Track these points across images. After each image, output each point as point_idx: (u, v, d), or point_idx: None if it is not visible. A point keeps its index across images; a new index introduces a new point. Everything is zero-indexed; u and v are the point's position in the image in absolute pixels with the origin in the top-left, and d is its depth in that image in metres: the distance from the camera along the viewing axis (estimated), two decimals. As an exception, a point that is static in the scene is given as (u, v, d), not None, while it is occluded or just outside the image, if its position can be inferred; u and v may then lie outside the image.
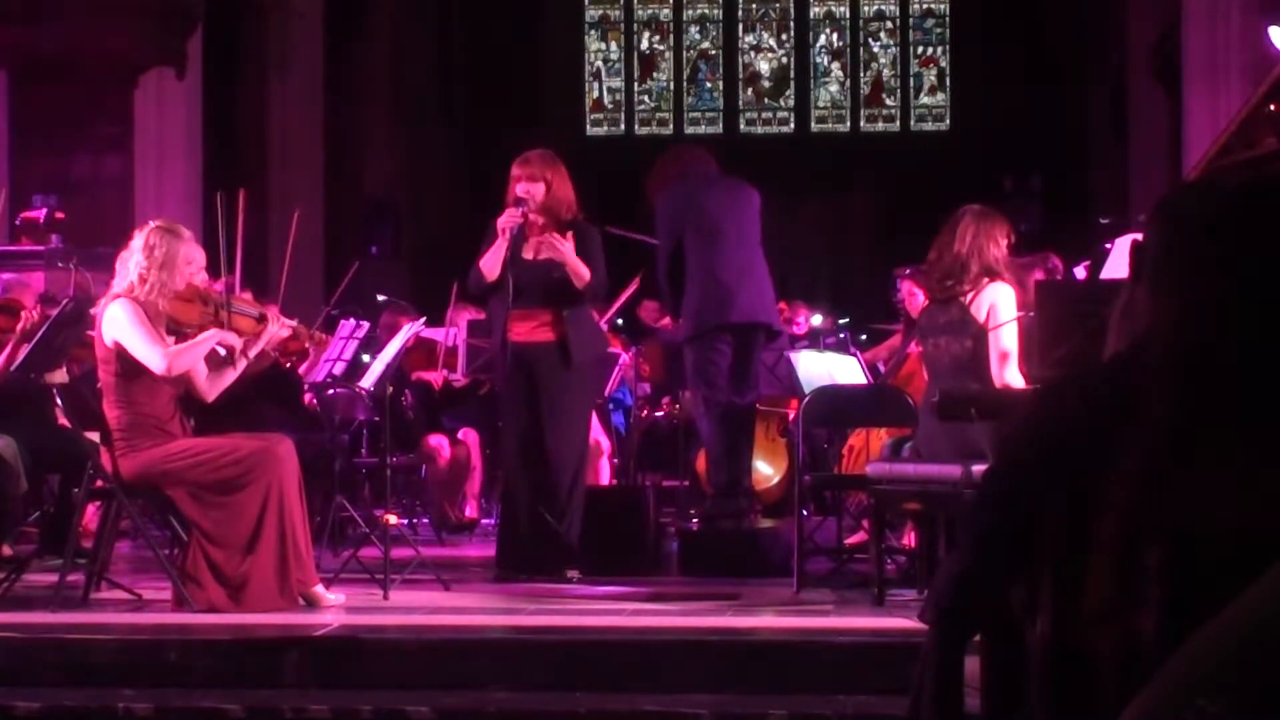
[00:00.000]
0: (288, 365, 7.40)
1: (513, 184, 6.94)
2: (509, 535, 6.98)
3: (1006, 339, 6.00)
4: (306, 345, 6.98)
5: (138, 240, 6.12)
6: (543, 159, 7.00)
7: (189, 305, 6.21)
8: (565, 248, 6.82)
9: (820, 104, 20.61)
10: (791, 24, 20.68)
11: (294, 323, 6.52)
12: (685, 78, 20.74)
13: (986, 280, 6.08)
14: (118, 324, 5.99)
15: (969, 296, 6.08)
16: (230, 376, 6.29)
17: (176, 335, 6.20)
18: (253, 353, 6.26)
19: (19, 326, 6.95)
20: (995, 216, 6.21)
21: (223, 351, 6.23)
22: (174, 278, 6.10)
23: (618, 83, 20.79)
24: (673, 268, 7.33)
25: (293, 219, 6.49)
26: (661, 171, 7.65)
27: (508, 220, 6.86)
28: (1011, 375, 5.95)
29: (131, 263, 6.08)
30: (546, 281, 6.86)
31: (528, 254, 6.91)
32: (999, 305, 6.04)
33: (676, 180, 7.45)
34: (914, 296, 8.04)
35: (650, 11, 20.90)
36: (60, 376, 6.99)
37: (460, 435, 9.40)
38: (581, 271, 6.83)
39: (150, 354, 5.96)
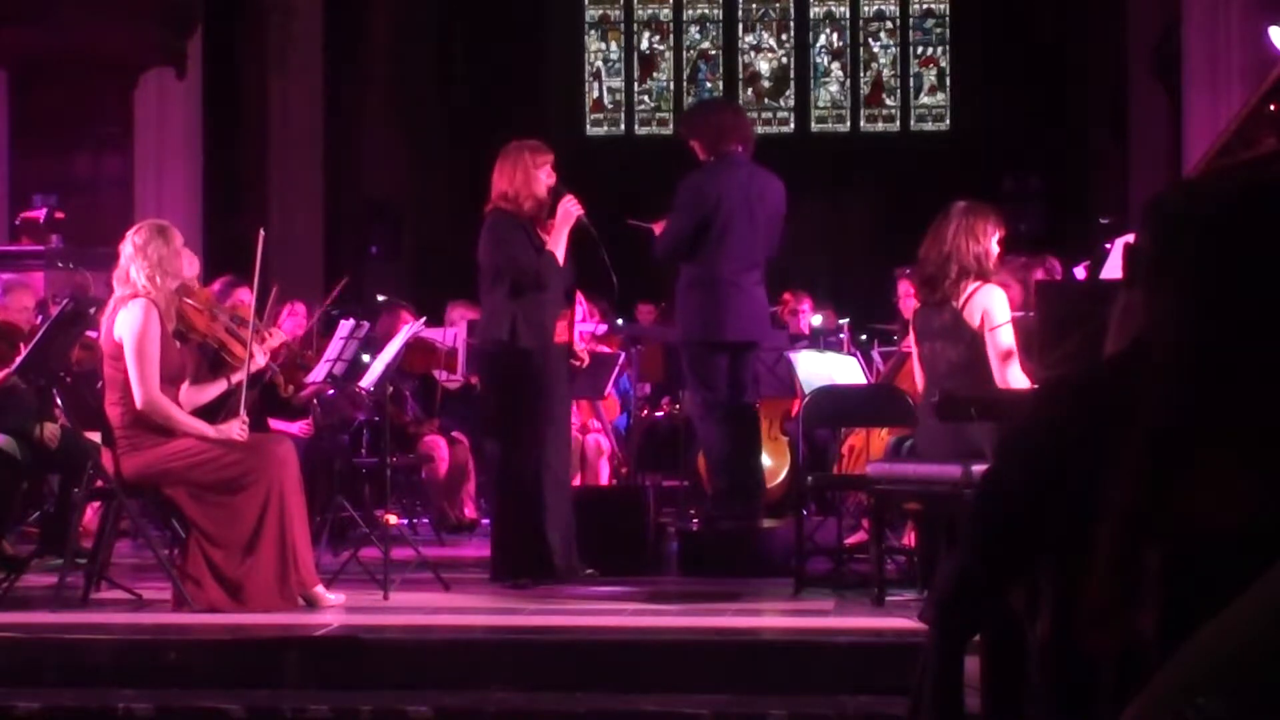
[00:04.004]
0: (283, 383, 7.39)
1: (546, 169, 6.81)
2: (526, 539, 6.78)
3: (1005, 340, 5.98)
4: (278, 381, 6.97)
5: (127, 248, 6.08)
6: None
7: (200, 313, 6.27)
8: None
9: (820, 104, 20.61)
10: (791, 24, 20.67)
11: (269, 362, 6.52)
12: (685, 78, 20.74)
13: (973, 283, 6.05)
14: (132, 325, 5.96)
15: (960, 300, 6.06)
16: (209, 395, 6.33)
17: (181, 339, 6.22)
18: (235, 378, 6.28)
19: (16, 359, 6.92)
20: (981, 212, 6.15)
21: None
22: (177, 266, 6.12)
23: (618, 83, 20.78)
24: (678, 248, 7.27)
25: (258, 238, 6.29)
26: (709, 125, 7.41)
27: (576, 206, 6.74)
28: (1015, 376, 5.92)
29: (133, 270, 6.05)
30: (569, 280, 6.87)
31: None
32: (992, 309, 6.02)
33: (711, 163, 7.29)
34: (908, 297, 8.04)
35: (650, 11, 20.89)
36: (52, 431, 6.95)
37: (455, 436, 9.41)
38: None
39: (142, 381, 5.94)
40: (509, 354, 6.70)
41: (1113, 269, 6.03)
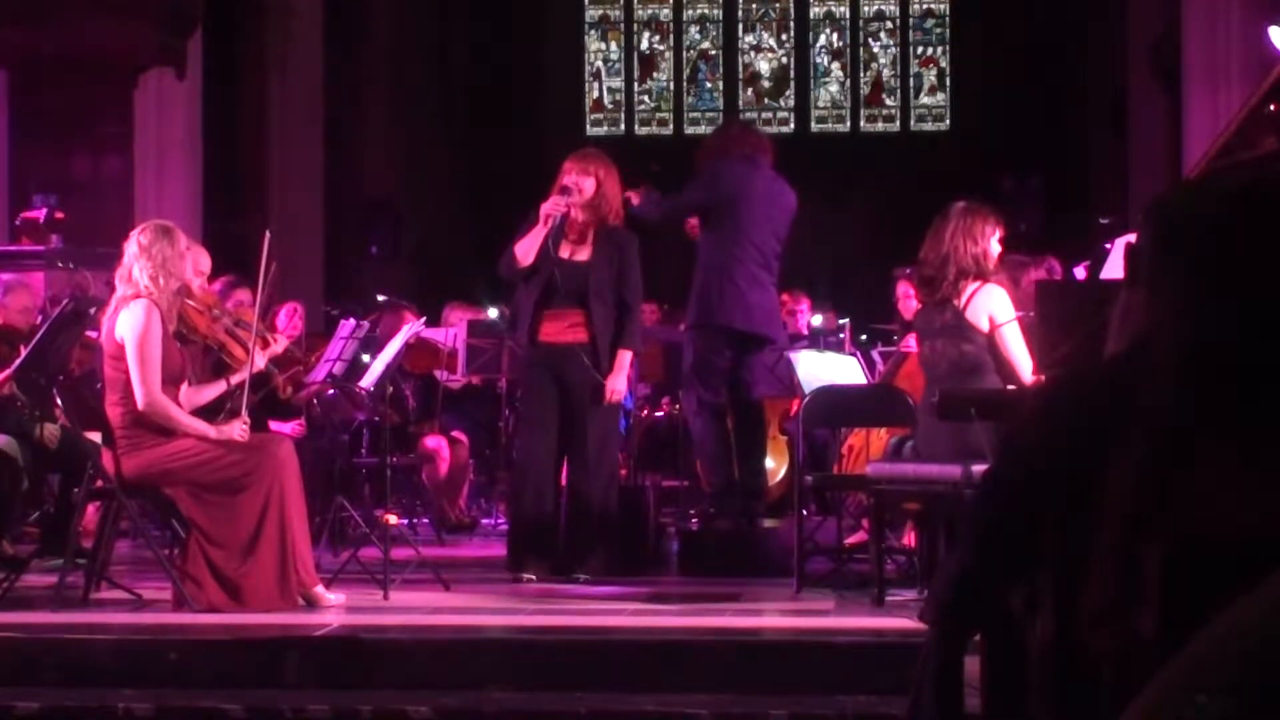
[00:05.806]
0: (285, 388, 7.39)
1: (562, 176, 6.85)
2: (524, 534, 6.88)
3: (1015, 337, 5.99)
4: (277, 383, 6.97)
5: (131, 248, 6.07)
6: (599, 156, 6.96)
7: (200, 314, 6.27)
8: (621, 389, 6.84)
9: (820, 104, 20.60)
10: (791, 24, 20.66)
11: (268, 363, 6.51)
12: (685, 78, 20.73)
13: (973, 282, 6.05)
14: (134, 326, 5.95)
15: (961, 300, 6.06)
16: (209, 395, 6.32)
17: (182, 340, 6.21)
18: (235, 380, 6.27)
19: (17, 362, 6.92)
20: (980, 212, 6.17)
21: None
22: (180, 267, 6.12)
23: (618, 83, 20.77)
24: (677, 215, 7.34)
25: (264, 239, 6.31)
26: (722, 144, 7.58)
27: (553, 207, 6.74)
28: (1030, 372, 5.90)
29: (136, 269, 6.04)
30: (582, 282, 6.81)
31: (564, 252, 6.82)
32: (996, 311, 6.03)
33: (739, 156, 7.36)
34: (907, 298, 8.04)
35: (650, 11, 20.88)
36: (52, 431, 6.95)
37: (455, 436, 9.42)
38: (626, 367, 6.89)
39: (144, 382, 5.93)
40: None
41: (1113, 269, 6.03)
